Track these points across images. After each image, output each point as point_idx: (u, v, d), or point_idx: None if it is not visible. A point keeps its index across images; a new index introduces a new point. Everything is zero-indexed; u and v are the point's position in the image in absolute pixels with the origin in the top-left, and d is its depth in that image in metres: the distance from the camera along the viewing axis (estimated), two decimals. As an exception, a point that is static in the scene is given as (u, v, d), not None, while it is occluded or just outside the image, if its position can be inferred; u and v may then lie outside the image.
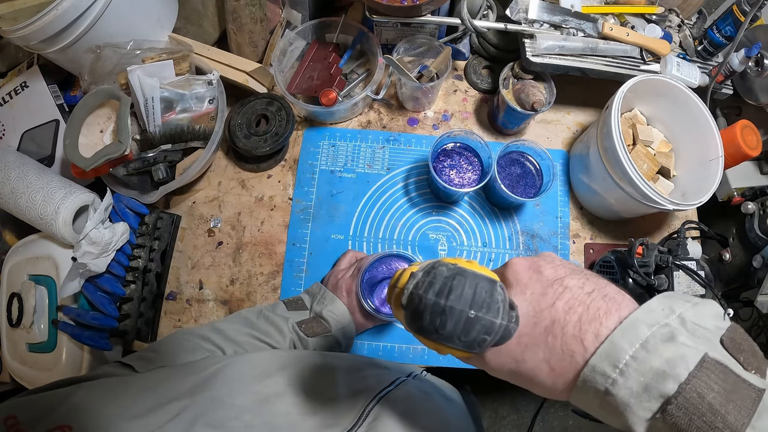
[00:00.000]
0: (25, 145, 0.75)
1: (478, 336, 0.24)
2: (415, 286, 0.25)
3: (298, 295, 0.63)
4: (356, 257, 0.67)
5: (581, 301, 0.25)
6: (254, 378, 0.40)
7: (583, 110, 0.81)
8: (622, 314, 0.24)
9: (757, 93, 0.72)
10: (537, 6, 0.65)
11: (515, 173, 0.69)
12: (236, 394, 0.37)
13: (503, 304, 0.25)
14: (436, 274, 0.25)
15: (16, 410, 0.30)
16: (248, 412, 0.36)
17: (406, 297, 0.26)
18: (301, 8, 0.75)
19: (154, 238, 0.69)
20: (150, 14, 0.70)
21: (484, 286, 0.25)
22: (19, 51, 0.81)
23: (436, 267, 0.26)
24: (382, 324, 0.67)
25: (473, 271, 0.25)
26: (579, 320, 0.24)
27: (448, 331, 0.24)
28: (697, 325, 0.23)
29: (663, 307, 0.24)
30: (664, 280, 0.59)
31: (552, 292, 0.26)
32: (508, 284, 0.28)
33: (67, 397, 0.32)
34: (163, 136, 0.67)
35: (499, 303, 0.25)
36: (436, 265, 0.26)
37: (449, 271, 0.25)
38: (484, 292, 0.24)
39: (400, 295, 0.27)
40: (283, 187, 0.75)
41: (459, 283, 0.24)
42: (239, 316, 0.59)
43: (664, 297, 0.25)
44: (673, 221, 0.77)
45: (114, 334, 0.63)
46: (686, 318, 0.23)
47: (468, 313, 0.24)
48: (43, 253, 0.65)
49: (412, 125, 0.78)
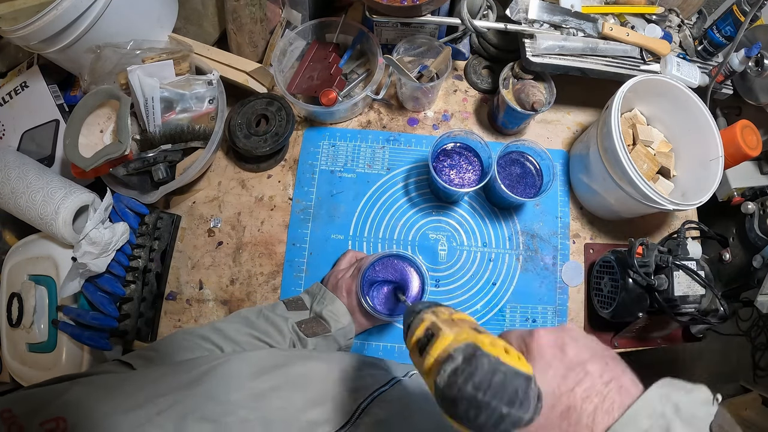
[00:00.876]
0: (25, 145, 0.75)
1: (506, 428, 0.25)
2: (454, 373, 0.26)
3: (298, 295, 0.63)
4: (356, 257, 0.67)
5: (599, 391, 0.27)
6: (250, 375, 0.40)
7: (583, 110, 0.81)
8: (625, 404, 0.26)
9: (757, 93, 0.72)
10: (537, 6, 0.65)
11: (515, 173, 0.69)
12: (231, 390, 0.38)
13: (533, 400, 0.26)
14: (477, 366, 0.25)
15: (12, 404, 0.30)
16: (243, 408, 0.36)
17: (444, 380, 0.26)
18: (301, 8, 0.75)
19: (154, 238, 0.69)
20: (150, 14, 0.70)
21: (521, 385, 0.25)
22: (19, 51, 0.81)
23: (477, 357, 0.26)
24: (381, 324, 0.67)
25: (513, 368, 0.26)
26: (594, 411, 0.26)
27: (479, 423, 0.25)
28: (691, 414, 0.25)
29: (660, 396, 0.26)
30: (664, 280, 0.59)
31: (573, 377, 0.27)
32: (531, 357, 0.29)
33: (63, 392, 0.32)
34: (163, 136, 0.67)
35: (531, 400, 0.26)
36: (477, 354, 0.26)
37: (490, 366, 0.26)
38: (520, 391, 0.25)
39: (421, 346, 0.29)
40: (283, 187, 0.75)
41: (498, 380, 0.25)
42: (239, 315, 0.59)
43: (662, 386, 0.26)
44: (673, 221, 0.77)
45: (114, 334, 0.63)
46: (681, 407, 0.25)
47: (502, 409, 0.25)
48: (43, 253, 0.65)
49: (412, 125, 0.78)
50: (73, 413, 0.30)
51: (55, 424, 0.28)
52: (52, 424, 0.28)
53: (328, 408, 0.40)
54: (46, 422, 0.29)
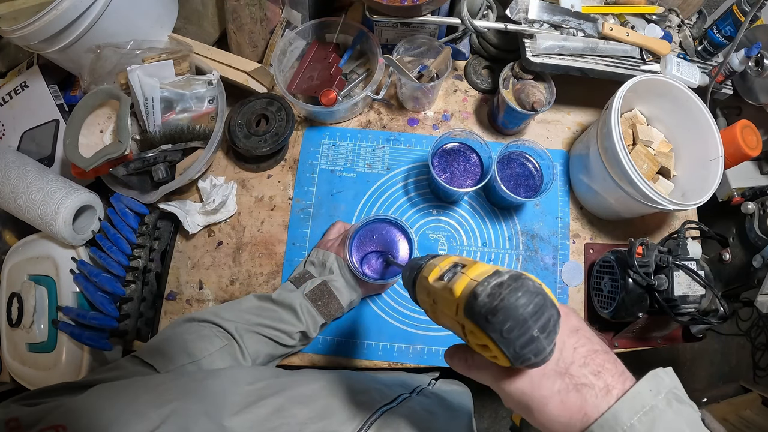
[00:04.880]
0: (25, 145, 0.75)
1: (529, 353, 0.26)
2: (499, 285, 0.26)
3: (302, 270, 0.64)
4: (345, 227, 0.68)
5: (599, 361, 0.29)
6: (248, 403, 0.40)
7: (583, 110, 0.81)
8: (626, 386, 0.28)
9: (757, 93, 0.72)
10: (537, 6, 0.65)
11: (515, 173, 0.69)
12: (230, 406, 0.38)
13: (555, 336, 0.27)
14: (523, 284, 0.26)
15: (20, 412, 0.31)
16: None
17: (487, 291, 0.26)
18: (301, 8, 0.75)
19: (154, 238, 0.69)
20: (150, 14, 0.70)
21: (554, 316, 0.26)
22: (19, 51, 0.81)
23: (523, 278, 0.27)
24: (370, 294, 0.67)
25: (551, 299, 0.27)
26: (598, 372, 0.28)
27: (510, 338, 0.25)
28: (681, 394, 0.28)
29: (650, 388, 0.27)
30: (664, 280, 0.59)
31: (576, 337, 0.29)
32: None
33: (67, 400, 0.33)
34: (163, 136, 0.67)
35: (556, 334, 0.27)
36: (524, 277, 0.27)
37: (535, 288, 0.26)
38: (552, 321, 0.26)
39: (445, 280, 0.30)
40: (283, 186, 0.75)
41: (539, 302, 0.26)
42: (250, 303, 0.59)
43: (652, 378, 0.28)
44: (673, 221, 0.77)
45: (114, 334, 0.63)
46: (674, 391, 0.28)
47: (534, 331, 0.25)
48: (43, 253, 0.65)
49: (412, 125, 0.78)
50: (73, 421, 0.30)
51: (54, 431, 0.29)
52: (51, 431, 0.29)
53: (333, 422, 0.40)
54: (46, 429, 0.29)
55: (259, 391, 0.41)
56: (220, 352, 0.51)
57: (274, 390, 0.42)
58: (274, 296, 0.58)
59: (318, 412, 0.41)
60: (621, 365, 0.29)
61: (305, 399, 0.42)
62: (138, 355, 0.48)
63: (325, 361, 0.67)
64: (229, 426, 0.36)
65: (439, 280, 0.32)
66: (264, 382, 0.43)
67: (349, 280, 0.61)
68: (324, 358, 0.67)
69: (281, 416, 0.39)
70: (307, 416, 0.40)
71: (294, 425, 0.38)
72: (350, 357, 0.67)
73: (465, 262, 0.32)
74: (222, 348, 0.51)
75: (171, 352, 0.49)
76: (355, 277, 0.61)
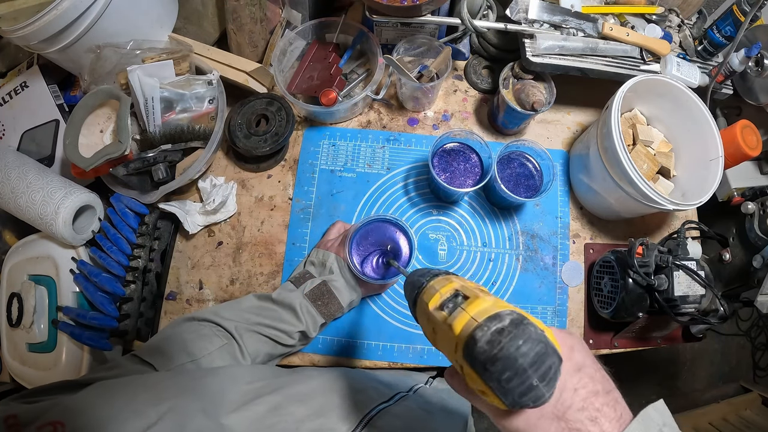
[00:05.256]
0: (25, 145, 0.75)
1: (527, 401, 0.25)
2: (499, 332, 0.26)
3: (302, 270, 0.64)
4: (345, 227, 0.68)
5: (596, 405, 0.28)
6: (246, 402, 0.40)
7: (583, 110, 0.81)
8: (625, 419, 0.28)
9: (757, 93, 0.72)
10: (537, 6, 0.65)
11: (515, 173, 0.69)
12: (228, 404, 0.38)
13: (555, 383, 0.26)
14: (524, 331, 0.25)
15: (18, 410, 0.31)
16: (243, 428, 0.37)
17: (487, 337, 0.26)
18: (301, 8, 0.75)
19: (154, 238, 0.69)
20: (150, 14, 0.70)
21: (555, 364, 0.26)
22: (19, 51, 0.81)
23: (525, 324, 0.26)
24: (370, 294, 0.67)
25: (552, 345, 0.26)
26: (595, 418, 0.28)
27: (508, 387, 0.25)
28: None
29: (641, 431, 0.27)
30: (664, 280, 0.59)
31: (578, 377, 0.29)
32: None
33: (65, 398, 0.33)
34: (163, 136, 0.67)
35: (556, 381, 0.26)
36: (525, 322, 0.26)
37: (536, 335, 0.26)
38: (553, 369, 0.26)
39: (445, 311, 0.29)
40: (283, 186, 0.75)
41: (540, 351, 0.25)
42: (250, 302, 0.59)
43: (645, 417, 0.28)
44: (673, 221, 0.77)
45: (114, 334, 0.63)
46: None
47: (533, 380, 0.25)
48: (43, 253, 0.65)
49: (412, 125, 0.78)
50: (71, 418, 0.30)
51: (52, 428, 0.29)
52: (49, 428, 0.29)
53: (329, 420, 0.40)
54: (44, 426, 0.29)
55: (257, 390, 0.41)
56: (219, 351, 0.51)
57: (272, 388, 0.42)
58: (273, 296, 0.58)
59: (315, 409, 0.41)
60: (621, 407, 0.28)
61: (303, 397, 0.42)
62: (137, 354, 0.48)
63: (325, 361, 0.67)
64: (226, 424, 0.36)
65: (440, 310, 0.31)
66: (262, 381, 0.43)
67: (349, 280, 0.61)
68: (324, 358, 0.67)
69: (278, 414, 0.39)
70: (304, 414, 0.40)
71: (291, 423, 0.38)
72: (350, 357, 0.67)
73: (467, 292, 0.31)
74: (221, 347, 0.51)
75: (170, 351, 0.49)
76: (355, 277, 0.61)
